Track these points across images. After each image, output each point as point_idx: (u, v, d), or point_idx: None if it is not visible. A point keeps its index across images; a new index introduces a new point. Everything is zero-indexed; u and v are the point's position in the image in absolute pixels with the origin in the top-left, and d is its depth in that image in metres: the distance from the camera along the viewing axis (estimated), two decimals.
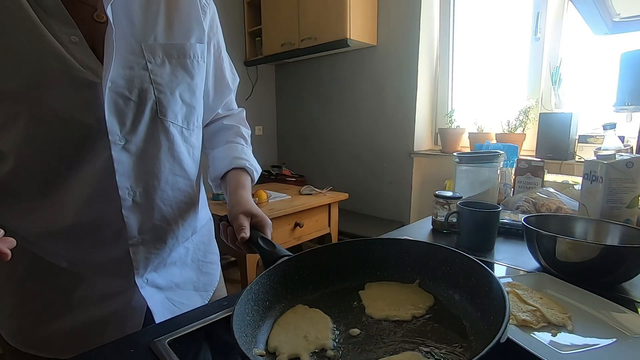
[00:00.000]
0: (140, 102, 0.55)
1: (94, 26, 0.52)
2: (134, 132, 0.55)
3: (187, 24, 0.61)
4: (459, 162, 1.14)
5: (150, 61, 0.55)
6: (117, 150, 0.54)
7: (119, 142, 0.54)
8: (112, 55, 0.51)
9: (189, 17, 0.61)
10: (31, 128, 0.48)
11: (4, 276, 0.60)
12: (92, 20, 0.52)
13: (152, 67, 0.56)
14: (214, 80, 0.72)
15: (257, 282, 0.46)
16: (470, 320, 0.43)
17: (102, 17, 0.52)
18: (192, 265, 0.72)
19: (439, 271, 0.51)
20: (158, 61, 0.56)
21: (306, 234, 1.99)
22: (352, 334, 0.44)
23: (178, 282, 0.69)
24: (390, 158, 2.45)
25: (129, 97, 0.54)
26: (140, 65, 0.54)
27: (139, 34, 0.55)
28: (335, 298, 0.51)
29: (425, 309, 0.47)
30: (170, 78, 0.58)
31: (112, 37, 0.51)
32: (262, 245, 0.55)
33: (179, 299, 0.68)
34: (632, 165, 0.81)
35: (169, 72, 0.58)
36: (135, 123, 0.55)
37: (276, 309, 0.48)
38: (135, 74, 0.54)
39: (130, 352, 0.47)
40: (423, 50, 2.22)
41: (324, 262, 0.54)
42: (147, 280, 0.63)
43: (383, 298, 0.50)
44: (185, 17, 0.60)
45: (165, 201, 0.61)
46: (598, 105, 1.74)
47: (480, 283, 0.44)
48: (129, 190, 0.56)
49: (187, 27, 0.61)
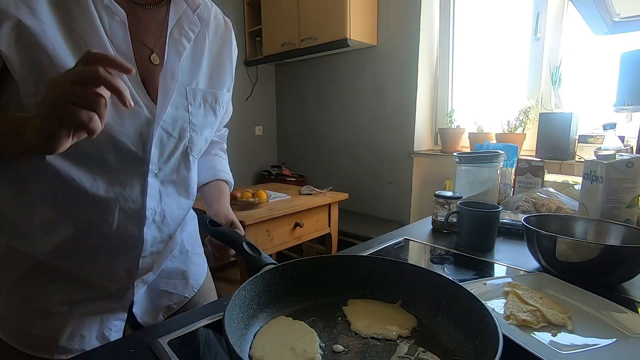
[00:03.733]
0: (178, 139, 0.62)
1: (147, 66, 0.57)
2: (167, 163, 0.62)
3: (223, 75, 0.69)
4: (459, 162, 1.14)
5: (191, 104, 0.62)
6: (152, 177, 0.60)
7: (154, 170, 0.60)
8: (166, 96, 0.57)
9: (225, 70, 0.69)
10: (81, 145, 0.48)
11: (2, 278, 0.61)
12: (148, 61, 0.57)
13: (192, 109, 0.62)
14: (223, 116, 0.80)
15: (244, 289, 0.46)
16: (454, 343, 0.44)
17: (156, 59, 0.58)
18: (180, 257, 0.76)
19: (422, 294, 0.51)
20: (196, 104, 0.63)
21: (306, 234, 1.99)
22: (336, 350, 0.44)
23: (169, 273, 0.74)
24: (390, 158, 2.45)
25: (171, 134, 0.60)
26: (183, 106, 0.61)
27: (185, 78, 0.61)
28: (319, 312, 0.51)
29: (410, 329, 0.48)
30: (202, 120, 0.65)
31: (167, 80, 0.57)
32: (248, 250, 0.55)
33: (165, 287, 0.73)
34: (632, 165, 0.81)
35: (202, 115, 0.65)
36: (170, 156, 0.62)
37: (259, 318, 0.48)
38: (179, 114, 0.61)
39: (130, 352, 0.47)
40: (423, 50, 2.22)
41: (309, 274, 0.54)
42: (142, 279, 0.66)
43: (368, 316, 0.50)
44: (222, 69, 0.68)
45: (173, 219, 0.66)
46: (598, 105, 1.73)
47: (465, 308, 0.44)
48: (152, 210, 0.61)
49: (223, 78, 0.69)
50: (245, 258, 0.54)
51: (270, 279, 0.50)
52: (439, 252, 0.84)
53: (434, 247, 0.87)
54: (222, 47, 0.69)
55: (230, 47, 0.71)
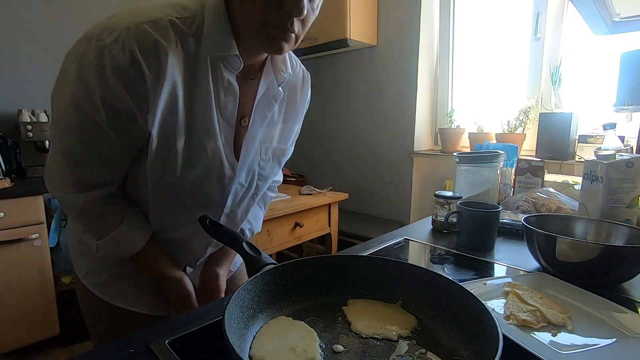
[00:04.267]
0: (247, 188, 0.71)
1: (239, 128, 0.64)
2: (238, 206, 0.72)
3: (293, 133, 0.76)
4: (459, 162, 1.14)
5: (262, 159, 0.70)
6: (224, 215, 0.70)
7: (227, 211, 0.70)
8: (247, 157, 0.66)
9: (297, 124, 0.77)
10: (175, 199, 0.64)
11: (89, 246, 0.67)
12: (239, 123, 0.64)
13: (262, 164, 0.71)
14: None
15: (244, 289, 0.46)
16: (454, 343, 0.44)
17: (245, 122, 0.65)
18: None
19: (422, 293, 0.51)
20: (266, 159, 0.71)
21: (306, 234, 1.98)
22: (336, 350, 0.44)
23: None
24: (390, 158, 2.45)
25: (244, 185, 0.70)
26: (256, 162, 0.69)
27: (262, 137, 0.68)
28: (319, 312, 0.51)
29: (410, 330, 0.47)
30: (269, 171, 0.73)
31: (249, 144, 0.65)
32: (247, 250, 0.55)
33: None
34: (632, 165, 0.81)
35: (270, 167, 0.73)
36: (240, 201, 0.72)
37: (259, 318, 0.48)
38: (253, 169, 0.69)
39: (130, 352, 0.47)
40: (423, 50, 2.22)
41: (309, 274, 0.54)
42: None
43: (368, 316, 0.50)
44: (294, 123, 0.76)
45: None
46: (598, 105, 1.73)
47: (465, 308, 0.44)
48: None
49: (293, 131, 0.77)
50: (245, 258, 0.54)
51: (270, 279, 0.50)
52: (439, 252, 0.84)
53: (434, 247, 0.87)
54: (299, 102, 0.75)
55: (305, 101, 0.77)
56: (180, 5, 0.55)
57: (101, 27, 0.51)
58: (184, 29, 0.53)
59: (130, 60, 0.49)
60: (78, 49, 0.52)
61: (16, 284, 1.62)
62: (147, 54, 0.50)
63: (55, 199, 0.67)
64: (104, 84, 0.50)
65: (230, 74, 0.58)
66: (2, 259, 1.57)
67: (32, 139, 1.83)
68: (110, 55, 0.48)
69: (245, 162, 0.66)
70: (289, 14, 0.52)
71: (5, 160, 1.75)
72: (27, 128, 1.81)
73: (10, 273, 1.60)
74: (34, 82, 2.00)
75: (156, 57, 0.50)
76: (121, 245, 0.63)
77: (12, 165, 1.84)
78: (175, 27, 0.53)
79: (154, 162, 0.58)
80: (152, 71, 0.50)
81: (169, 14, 0.53)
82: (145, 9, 0.53)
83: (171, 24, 0.52)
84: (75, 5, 2.10)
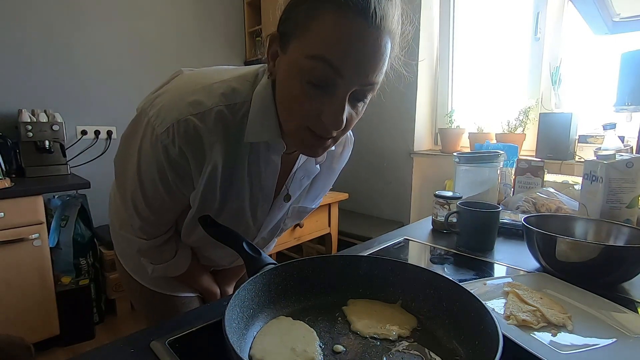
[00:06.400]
0: (268, 238, 0.79)
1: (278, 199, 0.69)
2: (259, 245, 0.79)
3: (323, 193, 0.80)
4: (459, 162, 1.14)
5: (287, 217, 0.75)
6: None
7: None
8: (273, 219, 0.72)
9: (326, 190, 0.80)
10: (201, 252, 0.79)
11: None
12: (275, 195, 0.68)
13: (287, 221, 0.77)
14: None
15: (243, 289, 0.46)
16: (454, 343, 0.44)
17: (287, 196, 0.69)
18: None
19: (422, 294, 0.51)
20: (292, 216, 0.76)
21: (306, 234, 1.99)
22: (336, 350, 0.44)
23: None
24: (390, 158, 2.45)
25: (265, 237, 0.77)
26: (282, 220, 0.75)
27: (293, 201, 0.72)
28: (319, 312, 0.51)
29: (410, 329, 0.47)
30: (290, 223, 0.79)
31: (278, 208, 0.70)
32: (247, 250, 0.55)
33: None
34: (632, 165, 0.81)
35: (292, 221, 0.80)
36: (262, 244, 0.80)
37: (259, 318, 0.48)
38: (276, 225, 0.76)
39: (130, 352, 0.47)
40: (423, 50, 2.22)
41: (309, 274, 0.54)
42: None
43: (368, 316, 0.50)
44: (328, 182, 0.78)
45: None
46: (598, 105, 1.73)
47: (465, 308, 0.44)
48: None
49: (321, 195, 0.80)
50: (245, 258, 0.54)
51: (270, 279, 0.50)
52: (439, 252, 0.84)
53: (434, 247, 0.87)
54: (336, 166, 0.77)
55: (341, 164, 0.78)
56: (231, 88, 0.55)
57: (155, 112, 0.54)
58: (230, 119, 0.55)
59: (180, 153, 0.54)
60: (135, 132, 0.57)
61: (16, 284, 1.62)
62: (194, 149, 0.54)
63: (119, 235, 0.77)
64: (160, 168, 0.57)
65: (273, 154, 0.60)
66: (2, 259, 1.57)
67: (32, 139, 1.83)
68: (163, 146, 0.54)
69: (270, 225, 0.73)
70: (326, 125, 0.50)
71: (5, 160, 1.75)
72: (27, 128, 1.81)
73: (10, 273, 1.60)
74: (34, 82, 2.00)
75: (201, 148, 0.55)
76: (170, 269, 0.74)
77: (12, 165, 1.84)
78: (223, 119, 0.54)
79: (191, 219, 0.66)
80: (198, 159, 0.56)
81: (217, 103, 0.53)
82: (197, 87, 0.54)
83: (218, 115, 0.53)
84: (74, 5, 2.10)
